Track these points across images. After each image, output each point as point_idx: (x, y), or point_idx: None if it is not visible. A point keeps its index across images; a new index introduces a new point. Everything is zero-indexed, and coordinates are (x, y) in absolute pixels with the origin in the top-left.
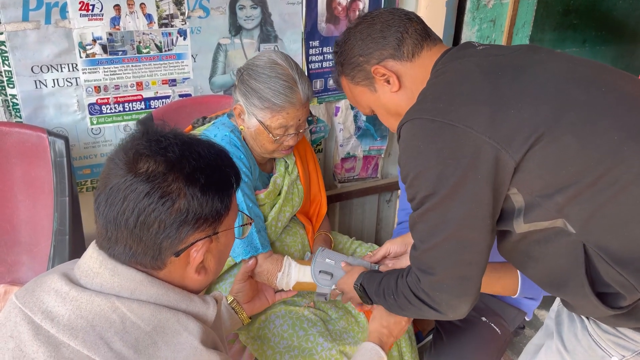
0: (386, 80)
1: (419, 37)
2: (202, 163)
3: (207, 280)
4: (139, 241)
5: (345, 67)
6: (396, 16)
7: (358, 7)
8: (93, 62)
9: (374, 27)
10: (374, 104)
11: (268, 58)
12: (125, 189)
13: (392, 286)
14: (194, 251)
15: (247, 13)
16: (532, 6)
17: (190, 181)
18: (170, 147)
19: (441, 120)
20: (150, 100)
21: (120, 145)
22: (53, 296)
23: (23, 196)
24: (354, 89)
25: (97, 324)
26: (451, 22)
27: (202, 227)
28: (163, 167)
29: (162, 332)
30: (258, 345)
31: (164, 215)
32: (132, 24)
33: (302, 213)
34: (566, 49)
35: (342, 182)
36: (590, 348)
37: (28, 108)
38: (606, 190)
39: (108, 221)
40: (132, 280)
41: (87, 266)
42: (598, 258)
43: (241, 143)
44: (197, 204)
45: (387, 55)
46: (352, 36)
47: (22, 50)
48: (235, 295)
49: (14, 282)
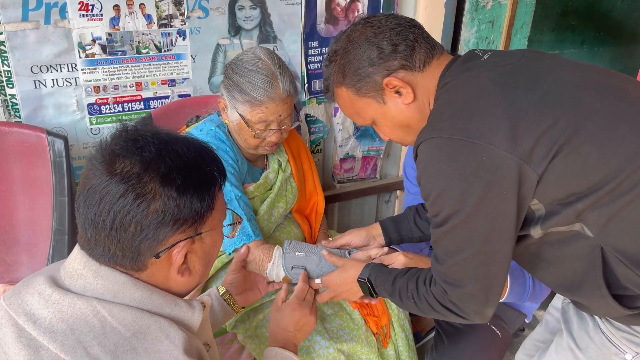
0: (396, 92)
1: (429, 45)
2: (179, 162)
3: (193, 281)
4: (116, 243)
5: (348, 78)
6: (402, 24)
7: (357, 8)
8: (92, 62)
9: (382, 36)
10: (380, 115)
11: (252, 53)
12: (102, 190)
13: (411, 290)
14: (175, 252)
15: (246, 13)
16: (531, 7)
17: (166, 181)
18: (147, 147)
19: (461, 138)
20: (149, 101)
21: (99, 145)
22: (37, 298)
23: (22, 196)
24: (358, 100)
25: (77, 327)
26: (450, 23)
27: (182, 228)
28: (138, 168)
29: (143, 338)
30: (256, 345)
31: (140, 216)
32: (132, 24)
33: (298, 212)
34: (565, 50)
35: (341, 182)
36: (603, 346)
37: (27, 108)
38: (625, 195)
39: (87, 222)
40: (115, 282)
41: (71, 267)
42: (616, 261)
43: (227, 137)
44: (173, 205)
45: (399, 66)
46: (358, 45)
47: (21, 50)
48: (228, 286)
49: (12, 282)
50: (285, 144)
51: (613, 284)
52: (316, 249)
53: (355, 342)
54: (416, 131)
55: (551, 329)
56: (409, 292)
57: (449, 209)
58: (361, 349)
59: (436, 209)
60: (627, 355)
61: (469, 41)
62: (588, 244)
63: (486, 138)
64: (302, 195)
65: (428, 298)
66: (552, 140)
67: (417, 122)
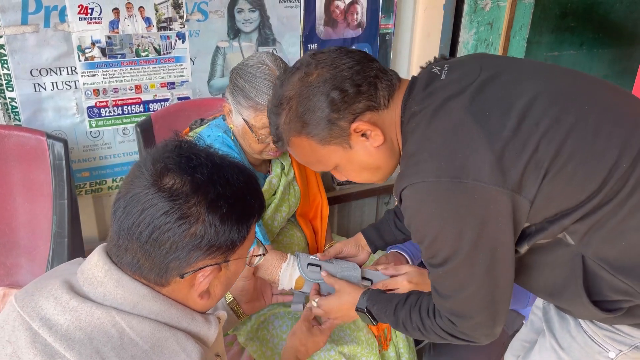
0: (362, 135)
1: (388, 78)
2: (228, 190)
3: (211, 304)
4: (147, 256)
5: (310, 127)
6: (358, 60)
7: (356, 10)
8: (92, 65)
9: (342, 76)
10: (345, 160)
11: (258, 59)
12: (145, 202)
13: (416, 322)
14: (201, 276)
15: (245, 16)
16: (530, 9)
17: (212, 208)
18: (200, 168)
19: (448, 180)
20: (149, 103)
21: (150, 154)
22: (52, 303)
23: (22, 199)
24: (321, 149)
25: (95, 337)
26: (449, 25)
27: (214, 255)
28: (188, 188)
29: (160, 351)
30: (257, 347)
31: (178, 237)
32: (131, 27)
33: (301, 215)
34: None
35: (341, 184)
36: (586, 345)
37: (27, 111)
38: (606, 205)
39: (122, 229)
40: (136, 294)
41: (91, 273)
42: (598, 268)
43: (234, 143)
44: (213, 231)
45: (364, 108)
46: (316, 89)
47: (21, 53)
48: (238, 293)
49: (12, 285)
50: None
51: (594, 291)
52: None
53: (356, 344)
54: (385, 170)
55: (536, 329)
56: (414, 324)
57: (447, 251)
58: (362, 350)
59: (432, 252)
60: (611, 353)
61: (467, 43)
62: (569, 252)
63: (473, 175)
64: (305, 199)
65: (435, 330)
66: (538, 166)
67: (387, 162)
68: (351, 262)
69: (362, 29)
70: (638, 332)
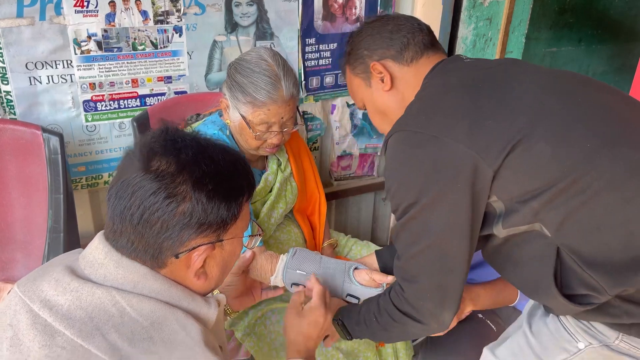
0: (381, 79)
1: (423, 46)
2: (213, 169)
3: (209, 286)
4: (140, 237)
5: (350, 57)
6: (409, 23)
7: (354, 5)
8: (88, 59)
9: (385, 27)
10: (366, 98)
11: (257, 54)
12: (135, 185)
13: (373, 308)
14: (195, 255)
15: (243, 10)
16: (529, 4)
17: (198, 186)
18: (185, 149)
19: (423, 132)
20: (145, 98)
21: (139, 140)
22: (53, 285)
23: (17, 193)
24: (353, 79)
25: (95, 315)
26: (447, 20)
27: (206, 233)
28: (173, 168)
29: (160, 328)
30: (254, 342)
31: (167, 215)
32: (128, 20)
33: (299, 212)
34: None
35: (338, 180)
36: (557, 331)
37: (22, 105)
38: (579, 196)
39: (115, 214)
40: (136, 273)
41: (92, 257)
42: (571, 261)
43: (230, 140)
44: (201, 209)
45: (389, 56)
46: (364, 30)
47: (16, 46)
48: (225, 288)
49: (8, 280)
50: (285, 143)
51: (565, 284)
52: (319, 263)
53: (353, 341)
54: (392, 120)
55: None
56: (371, 312)
57: (408, 201)
58: (359, 347)
59: (396, 201)
60: (580, 344)
61: (466, 38)
62: (546, 243)
63: (445, 132)
64: (302, 195)
65: (387, 307)
66: (508, 137)
67: (392, 110)
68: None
69: (360, 23)
70: (611, 332)
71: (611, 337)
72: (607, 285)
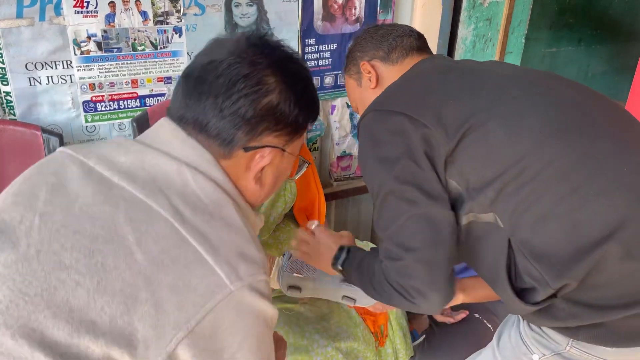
0: (369, 78)
1: (410, 48)
2: (303, 74)
3: (260, 194)
4: (218, 115)
5: (347, 60)
6: (401, 28)
7: (354, 5)
8: (88, 60)
9: (379, 32)
10: (357, 98)
11: None
12: (226, 66)
13: (371, 270)
14: (259, 156)
15: (242, 10)
16: (528, 5)
17: (289, 83)
18: (278, 49)
19: (383, 109)
20: (145, 98)
21: (235, 38)
22: (115, 146)
23: None
24: (348, 80)
25: (159, 179)
26: (447, 20)
27: (279, 134)
28: (267, 62)
29: (220, 209)
30: None
31: (253, 100)
32: (127, 21)
33: (299, 211)
34: (562, 47)
35: (338, 180)
36: (517, 345)
37: (22, 105)
38: (528, 184)
39: (194, 91)
40: (201, 157)
41: (155, 133)
42: (519, 253)
43: None
44: (286, 106)
45: (378, 56)
46: (361, 35)
47: (16, 47)
48: None
49: None
50: None
51: (516, 277)
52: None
53: (353, 341)
54: None
55: None
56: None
57: (377, 181)
58: (359, 347)
59: (370, 185)
60: (535, 356)
61: (466, 39)
62: (500, 235)
63: (401, 107)
64: (302, 195)
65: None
66: (464, 118)
67: None
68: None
69: (360, 24)
70: (561, 338)
71: (562, 344)
72: (549, 277)
